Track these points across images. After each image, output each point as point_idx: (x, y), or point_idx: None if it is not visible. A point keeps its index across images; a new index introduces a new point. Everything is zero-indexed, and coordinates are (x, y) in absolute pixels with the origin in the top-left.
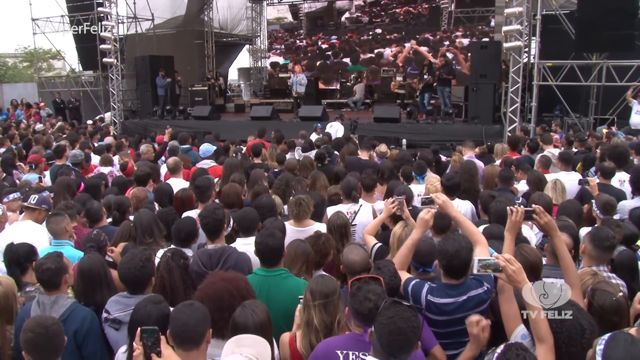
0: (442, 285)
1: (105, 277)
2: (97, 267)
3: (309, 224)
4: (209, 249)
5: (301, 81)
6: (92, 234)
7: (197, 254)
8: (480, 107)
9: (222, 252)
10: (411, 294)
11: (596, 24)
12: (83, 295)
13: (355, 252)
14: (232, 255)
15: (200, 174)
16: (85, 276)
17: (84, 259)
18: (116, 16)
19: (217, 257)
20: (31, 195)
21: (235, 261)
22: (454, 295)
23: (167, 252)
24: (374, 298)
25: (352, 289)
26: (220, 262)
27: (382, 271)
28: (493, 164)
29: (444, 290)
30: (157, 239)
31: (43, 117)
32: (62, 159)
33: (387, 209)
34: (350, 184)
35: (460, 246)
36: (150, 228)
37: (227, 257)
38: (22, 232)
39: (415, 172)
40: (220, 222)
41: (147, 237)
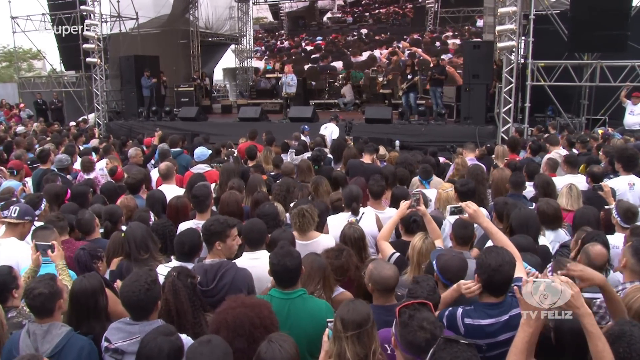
0: (479, 305)
1: (97, 305)
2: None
3: (314, 236)
4: (205, 264)
5: (290, 82)
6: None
7: (193, 269)
8: (472, 107)
9: (218, 267)
10: (447, 324)
11: (589, 24)
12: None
13: (388, 267)
14: (229, 271)
15: (197, 180)
16: (75, 301)
17: (76, 282)
18: (99, 15)
19: (214, 272)
20: (11, 207)
21: (233, 278)
22: (495, 314)
23: (172, 270)
24: (429, 327)
25: (401, 317)
26: (215, 279)
27: (420, 285)
28: (502, 168)
29: (482, 310)
30: (153, 254)
31: (24, 118)
32: (47, 163)
33: (401, 209)
34: (352, 194)
35: (504, 260)
36: (145, 243)
37: (224, 273)
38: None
39: (420, 177)
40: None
41: (142, 253)
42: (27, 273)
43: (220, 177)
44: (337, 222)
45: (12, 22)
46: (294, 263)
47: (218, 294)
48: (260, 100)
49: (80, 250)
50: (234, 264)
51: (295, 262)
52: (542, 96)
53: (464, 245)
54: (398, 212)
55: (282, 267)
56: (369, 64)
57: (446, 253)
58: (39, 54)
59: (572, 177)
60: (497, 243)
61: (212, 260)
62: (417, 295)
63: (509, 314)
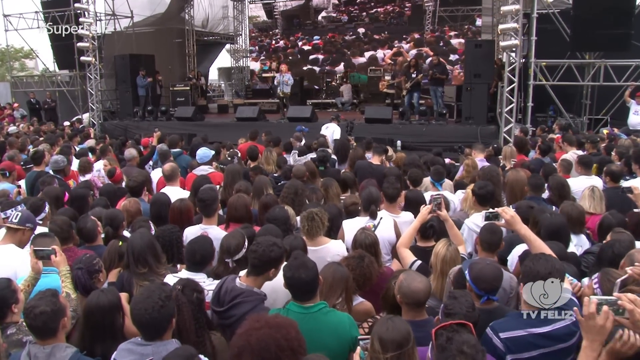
0: (516, 315)
1: (113, 323)
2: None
3: (323, 241)
4: (231, 284)
5: (287, 81)
6: (83, 256)
7: (222, 281)
8: (474, 107)
9: (239, 294)
10: (487, 350)
11: (592, 22)
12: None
13: (419, 280)
14: (245, 304)
15: (202, 183)
16: (90, 318)
17: (92, 297)
18: (94, 13)
19: (232, 296)
20: (12, 212)
21: (245, 314)
22: (538, 324)
23: (177, 283)
24: (469, 351)
25: (438, 340)
26: (229, 303)
27: (458, 301)
28: (517, 170)
29: (521, 320)
30: (153, 268)
31: (17, 118)
32: (41, 165)
33: (422, 214)
34: (372, 197)
35: (554, 268)
36: (144, 257)
37: (240, 304)
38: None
39: (432, 178)
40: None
41: (140, 267)
42: (26, 281)
43: (225, 178)
44: (354, 226)
45: (5, 20)
46: (310, 275)
47: (226, 320)
48: (257, 100)
49: (77, 270)
50: (258, 298)
51: (311, 274)
52: (543, 96)
53: (490, 251)
54: (419, 218)
55: (296, 280)
56: (372, 65)
57: (479, 261)
58: (31, 53)
59: (587, 178)
60: (537, 251)
61: (241, 283)
62: (454, 312)
63: (552, 325)
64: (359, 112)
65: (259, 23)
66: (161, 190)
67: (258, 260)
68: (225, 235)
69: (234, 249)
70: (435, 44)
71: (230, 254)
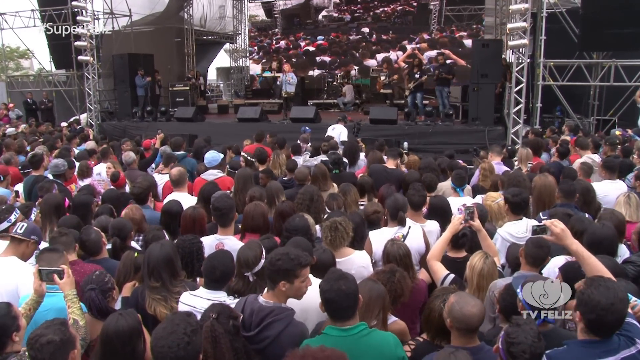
0: (576, 344)
1: (134, 351)
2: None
3: (347, 253)
4: (255, 303)
5: (290, 80)
6: (94, 275)
7: (238, 305)
8: (481, 108)
9: (268, 313)
10: None
11: (601, 22)
12: None
13: (472, 303)
14: (279, 322)
15: (212, 189)
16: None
17: (111, 321)
18: (92, 11)
19: (260, 317)
20: (13, 217)
21: (280, 332)
22: (601, 354)
23: (210, 310)
24: None
25: None
26: (259, 326)
27: (522, 330)
28: (544, 174)
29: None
30: (166, 283)
31: (12, 119)
32: (39, 169)
33: (453, 224)
34: (398, 203)
35: (617, 297)
36: (158, 269)
37: (271, 323)
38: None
39: (454, 183)
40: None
41: (152, 281)
42: (27, 304)
43: (236, 184)
44: (382, 237)
45: (0, 18)
46: (350, 287)
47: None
48: (258, 100)
49: (89, 292)
50: (289, 314)
51: (352, 286)
52: (549, 96)
53: (535, 266)
54: (450, 228)
55: (336, 292)
56: (387, 67)
57: (533, 279)
58: (27, 53)
59: (611, 183)
60: (591, 270)
61: (266, 301)
62: (518, 341)
63: (617, 354)
64: (361, 112)
65: (257, 22)
66: (168, 196)
67: (268, 270)
68: (241, 248)
69: (253, 260)
70: (451, 46)
71: (248, 266)
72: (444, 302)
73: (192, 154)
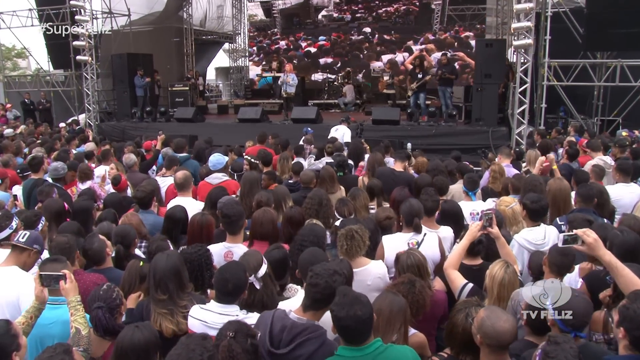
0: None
1: None
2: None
3: (363, 262)
4: (287, 319)
5: (291, 81)
6: (100, 290)
7: (274, 319)
8: (484, 108)
9: (302, 330)
10: None
11: (606, 21)
12: None
13: (504, 319)
14: (313, 341)
15: (220, 194)
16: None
17: (126, 334)
18: (90, 11)
19: (293, 335)
20: (20, 231)
21: (313, 352)
22: None
23: (226, 328)
24: None
25: None
26: (292, 344)
27: (562, 348)
28: (559, 178)
29: None
30: (173, 296)
31: (10, 119)
32: (39, 172)
33: (471, 231)
34: (414, 209)
35: None
36: (164, 281)
37: (304, 342)
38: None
39: (465, 187)
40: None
41: (159, 293)
42: (28, 312)
43: (242, 187)
44: (396, 243)
45: None
46: (367, 311)
47: None
48: (258, 100)
49: (96, 310)
50: (323, 332)
51: (368, 310)
52: (552, 97)
53: (559, 275)
54: (468, 235)
55: (352, 318)
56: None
57: None
58: (24, 52)
59: (625, 186)
60: (626, 283)
61: (299, 317)
62: None
63: None
64: (362, 112)
65: (256, 22)
66: (172, 201)
67: (320, 294)
68: (241, 258)
69: (255, 264)
70: (459, 47)
71: (252, 269)
72: (467, 315)
73: (193, 155)
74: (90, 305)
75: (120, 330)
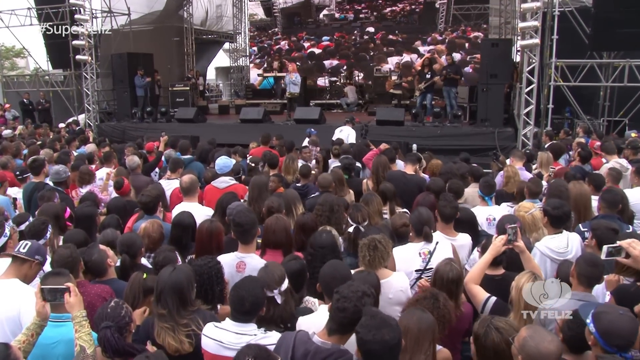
0: None
1: None
2: None
3: (385, 274)
4: (317, 344)
5: (295, 81)
6: (108, 308)
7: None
8: (490, 109)
9: (329, 355)
10: None
11: (613, 21)
12: None
13: (549, 339)
14: None
15: (232, 200)
16: None
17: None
18: (90, 10)
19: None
20: (15, 238)
21: None
22: None
23: (246, 353)
24: None
25: None
26: None
27: None
28: (579, 182)
29: None
30: (172, 312)
31: (9, 119)
32: (40, 175)
33: (495, 245)
34: (422, 217)
35: None
36: (164, 296)
37: None
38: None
39: (481, 192)
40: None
41: (159, 307)
42: (29, 329)
43: (251, 192)
44: (407, 254)
45: None
46: (395, 335)
47: None
48: (259, 101)
49: (104, 330)
50: (349, 357)
51: (397, 334)
52: (557, 97)
53: (589, 287)
54: (492, 250)
55: (379, 343)
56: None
57: (608, 310)
58: (22, 52)
59: None
60: None
61: (323, 342)
62: None
63: None
64: (364, 113)
65: (256, 21)
66: (178, 206)
67: (349, 319)
68: (263, 270)
69: (278, 277)
70: (472, 48)
71: (276, 283)
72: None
73: (197, 157)
74: (98, 324)
75: (130, 351)
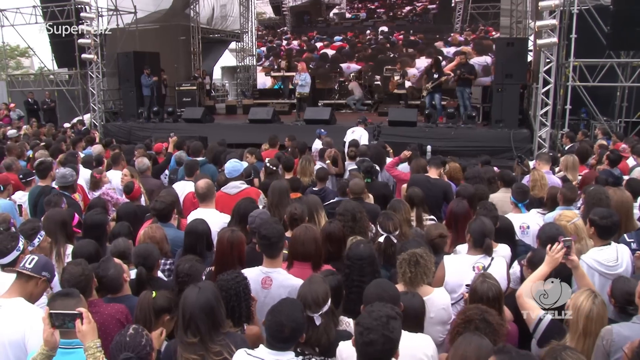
0: None
1: None
2: None
3: (426, 292)
4: None
5: (304, 81)
6: (127, 336)
7: None
8: (505, 109)
9: None
10: None
11: (633, 19)
12: None
13: None
14: None
15: (249, 207)
16: None
17: None
18: (96, 8)
19: None
20: (27, 255)
21: None
22: None
23: None
24: None
25: None
26: None
27: None
28: (621, 189)
29: None
30: (205, 339)
31: (14, 119)
32: (46, 179)
33: (553, 258)
34: (486, 228)
35: None
36: (194, 322)
37: None
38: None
39: (515, 198)
40: None
41: (189, 335)
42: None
43: (270, 198)
44: (460, 267)
45: (0, 15)
46: None
47: None
48: (267, 100)
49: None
50: None
51: None
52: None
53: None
54: (549, 262)
55: None
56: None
57: None
58: (27, 51)
59: None
60: None
61: None
62: None
63: None
64: (374, 113)
65: (265, 20)
66: (193, 212)
67: (380, 351)
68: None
69: (323, 297)
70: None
71: (318, 305)
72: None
73: (209, 159)
74: (115, 354)
75: None
